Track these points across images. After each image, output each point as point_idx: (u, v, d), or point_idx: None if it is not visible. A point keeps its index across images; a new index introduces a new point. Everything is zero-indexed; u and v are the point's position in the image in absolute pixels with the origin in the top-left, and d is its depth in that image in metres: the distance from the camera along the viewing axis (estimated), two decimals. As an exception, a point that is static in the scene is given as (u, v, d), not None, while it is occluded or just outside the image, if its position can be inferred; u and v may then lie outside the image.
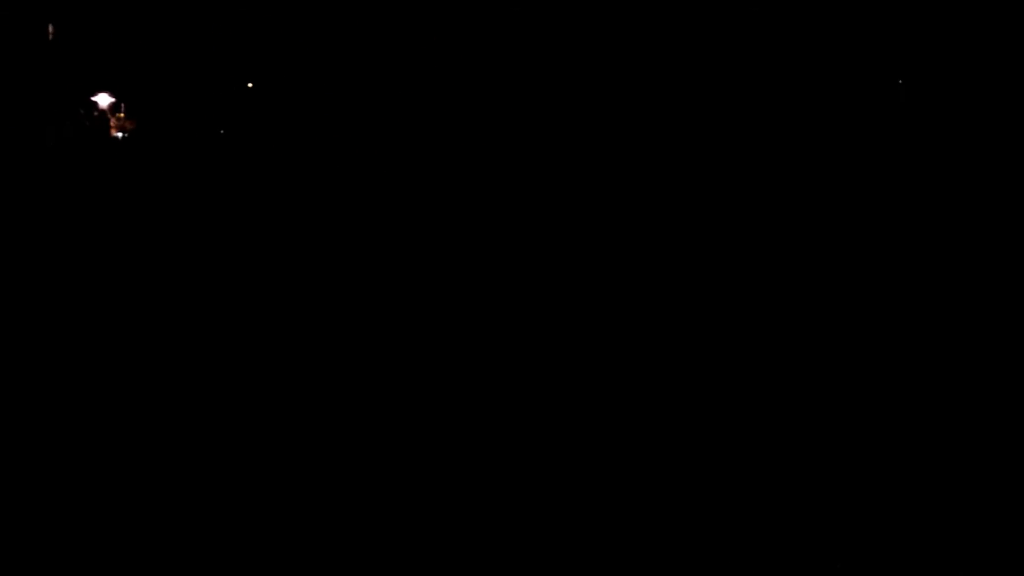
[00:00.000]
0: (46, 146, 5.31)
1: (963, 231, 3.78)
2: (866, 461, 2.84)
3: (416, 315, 4.17)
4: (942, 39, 4.43)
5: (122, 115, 5.02)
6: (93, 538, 2.25)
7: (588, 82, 4.44)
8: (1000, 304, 3.67)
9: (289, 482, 2.63)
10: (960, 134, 4.17)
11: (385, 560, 2.23)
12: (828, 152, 4.08)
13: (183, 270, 4.76)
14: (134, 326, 4.30)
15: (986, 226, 3.83)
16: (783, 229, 3.88)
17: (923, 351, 3.61)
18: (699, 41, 4.50)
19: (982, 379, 3.37)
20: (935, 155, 4.24)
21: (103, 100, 5.15)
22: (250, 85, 5.25)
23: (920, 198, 4.14)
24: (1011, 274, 3.59)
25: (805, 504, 2.58)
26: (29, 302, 4.56)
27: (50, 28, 5.62)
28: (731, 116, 4.19)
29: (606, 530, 2.43)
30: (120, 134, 4.97)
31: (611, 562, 2.30)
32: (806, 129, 4.14)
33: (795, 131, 4.14)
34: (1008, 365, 3.40)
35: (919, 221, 3.87)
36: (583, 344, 3.87)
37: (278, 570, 2.16)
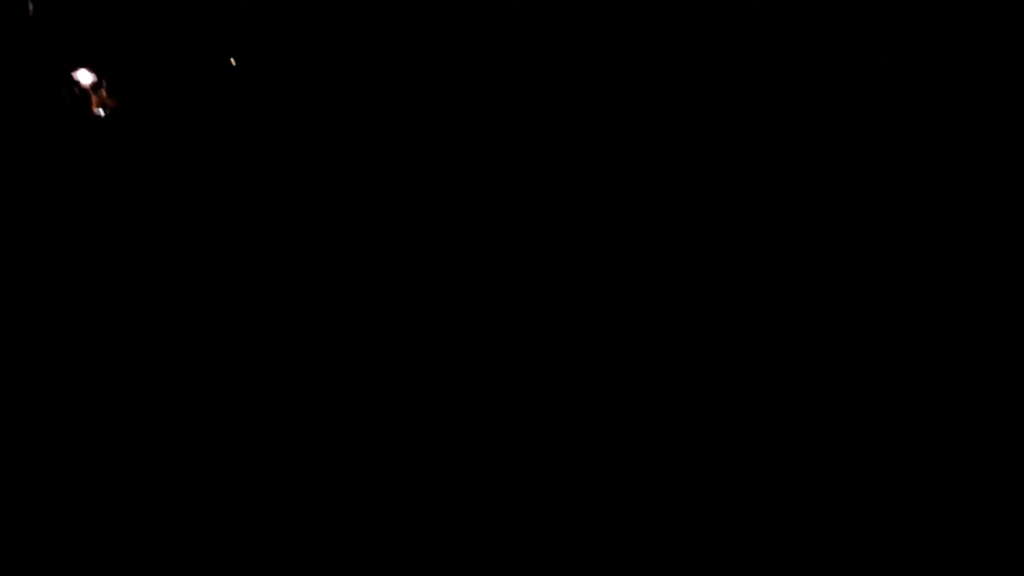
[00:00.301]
0: (25, 126, 5.23)
1: (961, 229, 3.79)
2: (866, 461, 2.86)
3: (415, 314, 4.17)
4: (940, 39, 4.41)
5: (104, 92, 4.94)
6: (93, 538, 2.24)
7: (588, 82, 4.42)
8: (999, 303, 3.69)
9: (289, 482, 2.63)
10: (958, 132, 4.17)
11: (385, 560, 2.23)
12: (827, 151, 4.07)
13: (171, 255, 4.71)
14: (119, 314, 4.27)
15: (984, 224, 3.84)
16: (782, 228, 3.89)
17: (923, 350, 3.63)
18: (698, 41, 4.47)
19: (982, 379, 3.39)
20: (933, 153, 4.23)
21: (84, 77, 5.06)
22: (233, 62, 5.18)
23: (918, 197, 4.14)
24: (1009, 273, 3.60)
25: (805, 504, 2.59)
26: (8, 288, 4.52)
27: (30, 4, 5.53)
28: (729, 114, 4.17)
29: (606, 529, 2.44)
30: (102, 112, 4.89)
31: (611, 561, 2.31)
32: (805, 128, 4.13)
33: (793, 130, 4.13)
34: (1008, 365, 3.43)
35: (917, 219, 3.88)
36: (583, 344, 3.89)
37: (278, 570, 2.16)
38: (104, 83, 5.30)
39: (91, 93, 5.13)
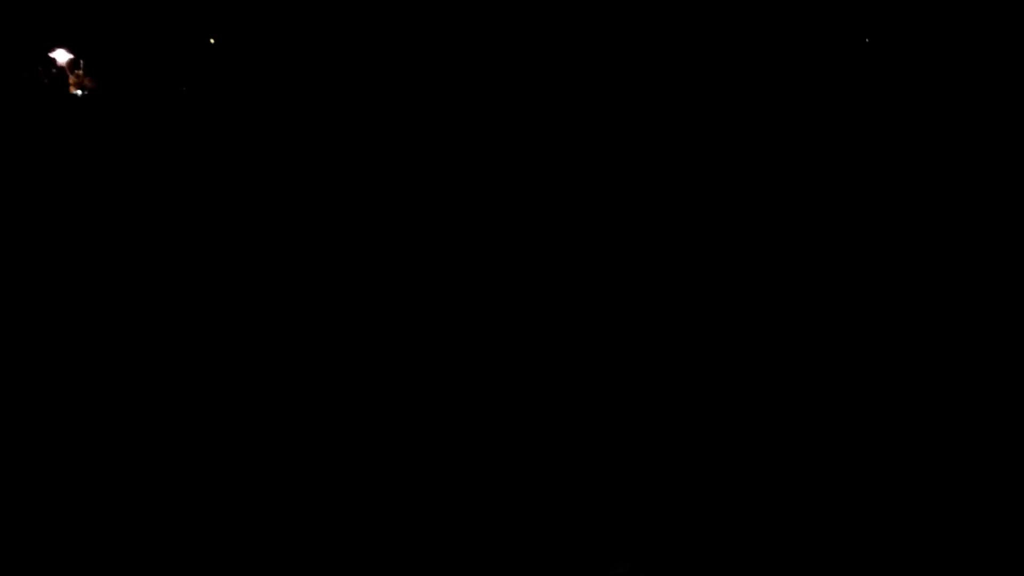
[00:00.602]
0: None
1: (959, 227, 3.81)
2: (865, 461, 2.88)
3: (414, 312, 4.14)
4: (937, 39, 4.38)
5: (81, 72, 4.86)
6: (93, 538, 2.24)
7: (588, 82, 4.39)
8: (998, 302, 3.71)
9: (288, 482, 2.63)
10: (955, 130, 4.16)
11: (385, 560, 2.24)
12: (826, 150, 4.06)
13: (149, 237, 4.66)
14: (98, 300, 4.24)
15: (982, 221, 3.86)
16: (780, 226, 3.90)
17: (922, 348, 3.64)
18: (696, 40, 4.44)
19: (982, 379, 3.40)
20: (929, 151, 4.23)
21: (61, 56, 4.98)
22: (212, 41, 5.12)
23: (915, 195, 4.15)
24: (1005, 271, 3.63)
25: (805, 504, 2.62)
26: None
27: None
28: (727, 113, 4.15)
29: (605, 529, 2.46)
30: (80, 92, 4.82)
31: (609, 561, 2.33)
32: (803, 127, 4.12)
33: (791, 128, 4.12)
34: (1008, 365, 3.43)
35: (914, 217, 3.90)
36: (583, 344, 3.89)
37: (278, 570, 2.17)
38: (81, 63, 5.23)
39: (68, 72, 5.07)
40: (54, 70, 4.94)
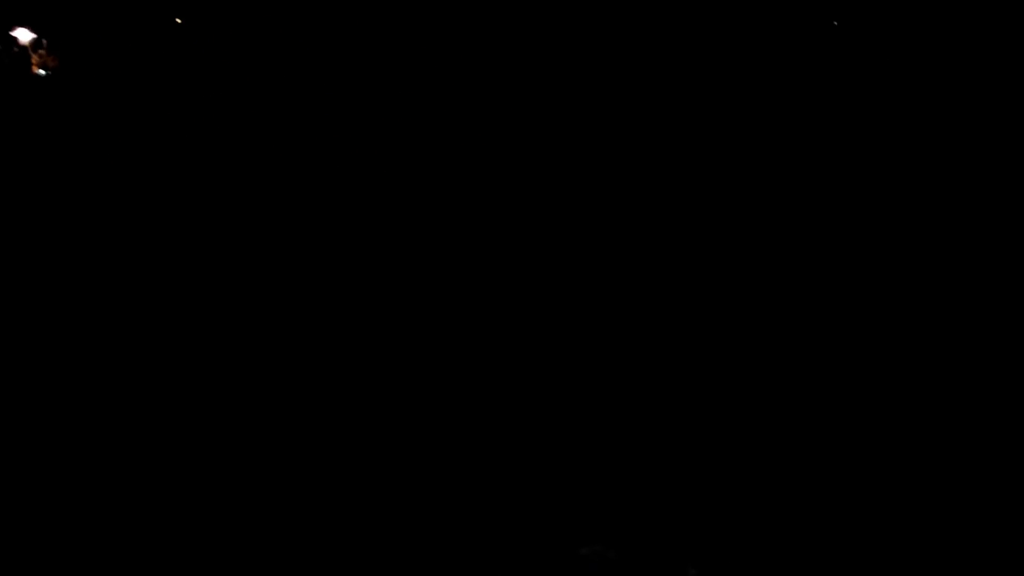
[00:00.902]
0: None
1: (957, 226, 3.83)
2: (866, 461, 2.90)
3: (413, 312, 4.12)
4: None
5: (44, 51, 4.75)
6: (93, 538, 2.21)
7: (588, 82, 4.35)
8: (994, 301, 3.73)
9: (289, 481, 2.61)
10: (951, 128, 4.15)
11: (385, 560, 2.23)
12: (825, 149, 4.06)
13: (115, 222, 4.59)
14: (61, 295, 4.18)
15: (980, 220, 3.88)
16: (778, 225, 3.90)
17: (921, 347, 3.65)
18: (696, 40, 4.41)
19: (982, 379, 3.41)
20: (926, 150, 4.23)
21: (23, 36, 4.86)
22: (179, 21, 5.03)
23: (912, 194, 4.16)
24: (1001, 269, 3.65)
25: (804, 504, 2.63)
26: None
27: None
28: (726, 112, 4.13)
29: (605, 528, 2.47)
30: (43, 72, 4.71)
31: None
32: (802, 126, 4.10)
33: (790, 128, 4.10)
34: (1008, 365, 3.44)
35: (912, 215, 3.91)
36: (583, 344, 3.88)
37: (278, 570, 2.15)
38: (44, 42, 5.12)
39: (30, 52, 4.96)
40: (16, 49, 4.83)
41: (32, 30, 5.01)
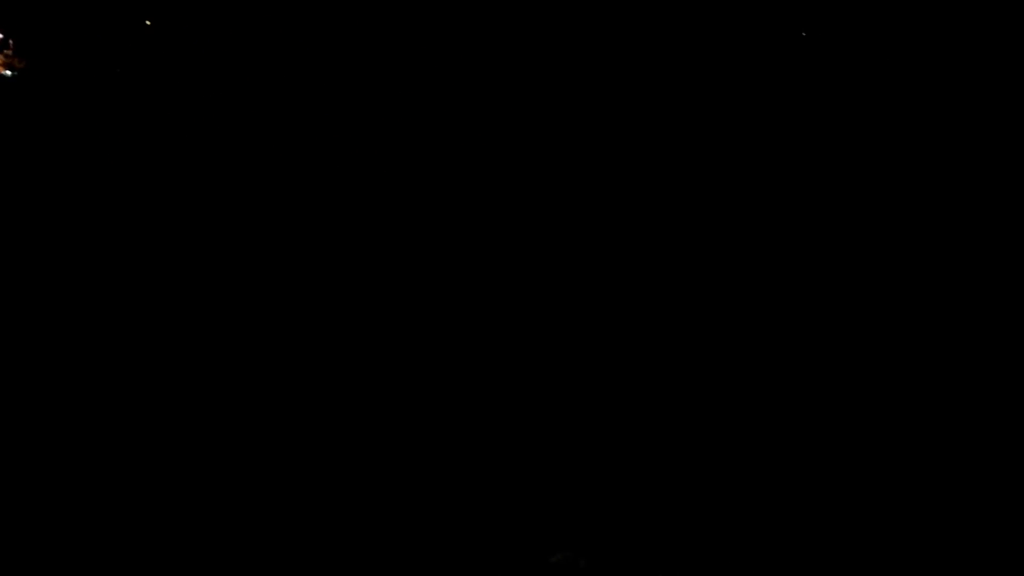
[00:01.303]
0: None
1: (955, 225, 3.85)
2: (866, 461, 2.90)
3: (412, 312, 4.09)
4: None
5: (10, 52, 4.68)
6: (93, 537, 2.17)
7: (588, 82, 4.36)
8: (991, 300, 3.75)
9: (289, 482, 2.58)
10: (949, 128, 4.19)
11: (385, 560, 2.20)
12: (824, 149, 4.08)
13: (86, 226, 4.52)
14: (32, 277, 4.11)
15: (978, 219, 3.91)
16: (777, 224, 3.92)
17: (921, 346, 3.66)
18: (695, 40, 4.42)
19: (982, 379, 3.42)
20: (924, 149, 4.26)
21: (-11, 35, 4.80)
22: (148, 23, 4.97)
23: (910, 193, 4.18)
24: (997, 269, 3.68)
25: (805, 504, 2.63)
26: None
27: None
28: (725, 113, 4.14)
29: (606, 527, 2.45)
30: (8, 72, 4.64)
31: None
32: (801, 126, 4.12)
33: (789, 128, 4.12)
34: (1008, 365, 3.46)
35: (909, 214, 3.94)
36: (583, 344, 3.87)
37: (278, 570, 2.12)
38: (11, 42, 5.04)
39: (-4, 52, 4.88)
40: (-19, 49, 4.76)
41: (-2, 30, 4.94)
